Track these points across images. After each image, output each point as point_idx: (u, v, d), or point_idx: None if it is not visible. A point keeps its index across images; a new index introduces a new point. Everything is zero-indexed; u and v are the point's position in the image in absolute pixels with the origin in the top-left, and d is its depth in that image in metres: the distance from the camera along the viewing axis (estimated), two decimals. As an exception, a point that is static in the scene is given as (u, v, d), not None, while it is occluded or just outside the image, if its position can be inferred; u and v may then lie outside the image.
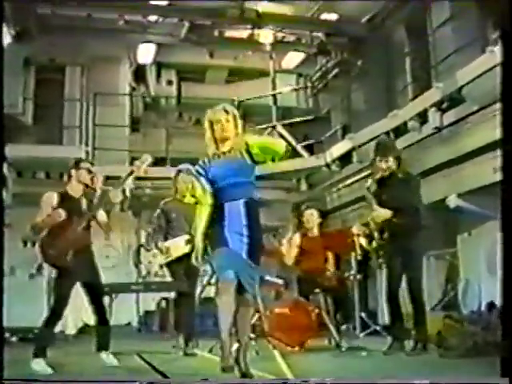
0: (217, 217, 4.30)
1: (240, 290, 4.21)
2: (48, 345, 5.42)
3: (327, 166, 10.02)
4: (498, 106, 5.89)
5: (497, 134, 5.59)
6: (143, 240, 12.16)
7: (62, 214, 5.42)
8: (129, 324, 11.41)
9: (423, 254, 6.14)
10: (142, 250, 11.50)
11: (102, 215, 5.73)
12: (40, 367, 5.19)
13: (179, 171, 6.38)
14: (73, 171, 5.68)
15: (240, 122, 4.53)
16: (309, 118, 11.40)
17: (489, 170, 6.07)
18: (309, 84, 12.50)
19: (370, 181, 6.32)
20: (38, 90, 10.62)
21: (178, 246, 6.48)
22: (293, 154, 11.17)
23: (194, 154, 13.11)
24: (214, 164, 4.46)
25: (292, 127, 11.69)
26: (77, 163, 5.75)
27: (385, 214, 6.04)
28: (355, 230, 7.11)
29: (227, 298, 4.14)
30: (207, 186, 4.37)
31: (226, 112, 4.48)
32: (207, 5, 9.69)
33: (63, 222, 5.45)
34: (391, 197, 6.02)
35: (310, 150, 11.60)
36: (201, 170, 4.47)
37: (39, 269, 5.87)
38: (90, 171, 5.67)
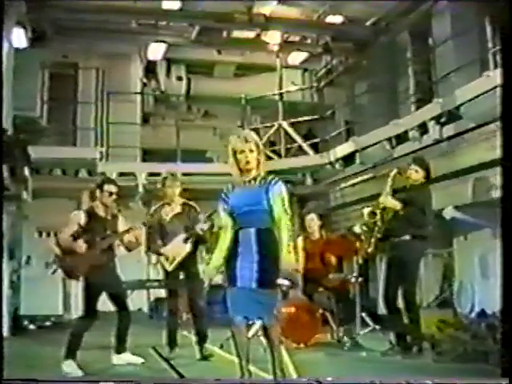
0: (232, 243, 4.56)
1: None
2: (78, 348, 5.83)
3: (331, 164, 10.45)
4: (493, 126, 6.32)
5: (491, 154, 6.06)
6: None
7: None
8: (140, 310, 11.80)
9: (419, 263, 6.55)
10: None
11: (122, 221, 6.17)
12: (71, 369, 5.65)
13: (165, 178, 6.77)
14: (97, 192, 6.08)
15: (262, 150, 4.65)
16: (314, 117, 11.74)
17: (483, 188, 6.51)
18: (314, 83, 12.87)
19: (395, 170, 6.53)
20: (51, 86, 10.92)
21: (178, 247, 6.57)
22: (298, 151, 11.63)
23: (202, 146, 13.55)
24: (235, 192, 4.62)
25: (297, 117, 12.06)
26: (100, 185, 6.11)
27: (393, 203, 6.34)
28: (357, 229, 7.49)
29: (241, 338, 4.55)
30: (224, 216, 4.60)
31: (248, 141, 4.56)
32: (216, 9, 10.00)
33: (85, 239, 5.87)
34: (407, 201, 6.31)
35: (314, 144, 12.01)
36: (223, 200, 4.63)
37: (54, 272, 6.24)
38: (111, 193, 6.06)
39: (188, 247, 6.60)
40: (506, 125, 4.41)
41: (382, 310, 8.63)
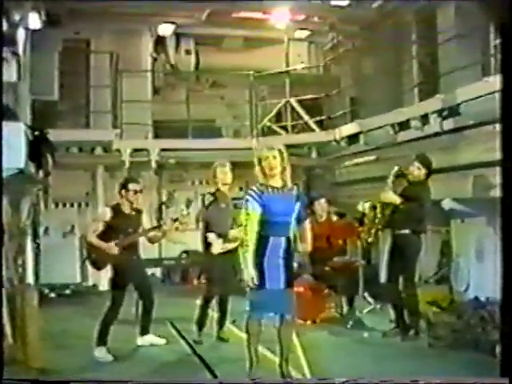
0: (261, 246, 5.05)
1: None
2: (108, 334, 6.37)
3: (336, 141, 10.88)
4: (490, 127, 6.73)
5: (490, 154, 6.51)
6: (164, 198, 13.15)
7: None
8: (153, 275, 12.34)
9: (418, 255, 7.07)
10: (163, 207, 12.42)
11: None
12: (102, 354, 6.22)
13: (216, 167, 7.01)
14: (123, 192, 6.56)
15: (286, 157, 5.13)
16: (321, 95, 12.10)
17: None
18: (320, 56, 13.14)
19: (396, 168, 6.92)
20: (64, 65, 11.14)
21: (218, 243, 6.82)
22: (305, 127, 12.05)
23: (211, 116, 13.89)
24: (268, 196, 5.05)
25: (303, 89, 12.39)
26: (125, 184, 6.59)
27: (394, 198, 6.79)
28: (360, 207, 7.95)
29: (254, 335, 5.13)
30: (257, 209, 4.99)
31: (271, 149, 5.11)
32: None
33: (110, 235, 6.39)
34: (408, 196, 6.78)
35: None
36: (254, 195, 5.03)
37: (83, 263, 6.83)
38: (136, 191, 6.55)
39: (230, 246, 6.69)
40: (505, 126, 4.75)
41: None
